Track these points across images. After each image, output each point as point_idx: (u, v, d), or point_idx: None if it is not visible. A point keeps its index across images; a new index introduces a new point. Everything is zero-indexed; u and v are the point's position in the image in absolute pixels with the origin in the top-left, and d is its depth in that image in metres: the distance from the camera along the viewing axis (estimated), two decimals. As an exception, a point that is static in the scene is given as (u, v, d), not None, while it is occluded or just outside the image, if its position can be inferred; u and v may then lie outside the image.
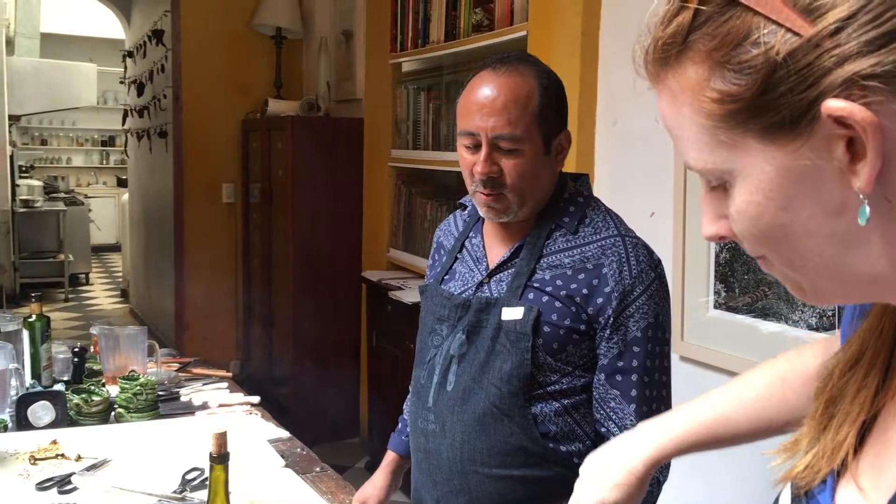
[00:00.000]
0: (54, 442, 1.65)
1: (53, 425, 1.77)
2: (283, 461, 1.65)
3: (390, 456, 1.63)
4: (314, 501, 1.48)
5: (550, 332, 1.28)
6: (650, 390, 1.28)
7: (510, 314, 1.30)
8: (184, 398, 2.04)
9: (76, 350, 2.10)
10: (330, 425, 4.07)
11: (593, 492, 0.90)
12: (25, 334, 2.00)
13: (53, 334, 2.09)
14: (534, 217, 1.37)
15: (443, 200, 3.46)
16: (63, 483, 1.49)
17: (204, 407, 1.99)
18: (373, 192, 4.03)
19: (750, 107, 0.50)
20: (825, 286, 0.55)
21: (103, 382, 2.03)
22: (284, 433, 1.83)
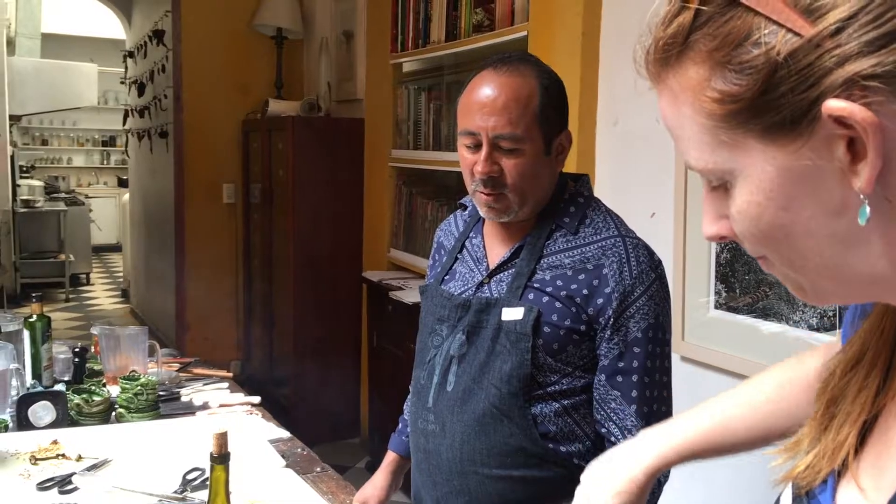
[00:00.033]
0: (55, 442, 1.65)
1: (54, 425, 1.77)
2: (284, 461, 1.65)
3: (391, 456, 1.63)
4: (315, 501, 1.48)
5: (550, 333, 1.28)
6: (651, 391, 1.28)
7: (510, 314, 1.30)
8: (184, 398, 2.04)
9: (77, 350, 2.10)
10: (330, 425, 4.07)
11: (594, 499, 0.90)
12: (26, 334, 2.00)
13: (54, 334, 2.10)
14: (534, 217, 1.37)
15: (443, 201, 3.46)
16: (64, 483, 1.49)
17: (204, 407, 1.99)
18: (373, 193, 4.03)
19: (751, 107, 0.50)
20: (825, 286, 0.56)
21: (104, 382, 2.03)
22: (285, 433, 1.83)
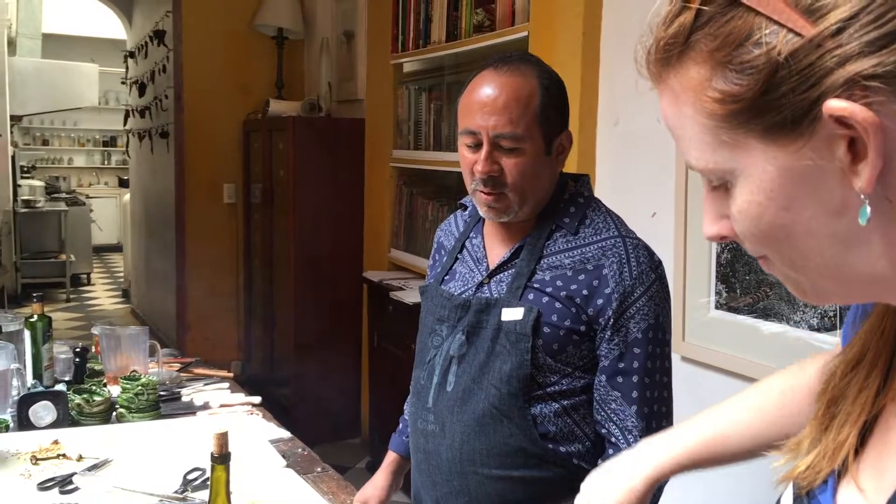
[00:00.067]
0: (56, 442, 1.65)
1: (55, 425, 1.77)
2: (285, 461, 1.65)
3: (391, 456, 1.63)
4: (315, 502, 1.48)
5: (550, 333, 1.28)
6: (651, 391, 1.28)
7: (510, 315, 1.30)
8: (185, 398, 2.04)
9: (77, 350, 2.10)
10: (331, 425, 4.07)
11: None
12: (27, 334, 2.00)
13: (55, 334, 2.10)
14: (534, 218, 1.37)
15: (444, 201, 3.46)
16: (64, 483, 1.49)
17: (205, 407, 1.99)
18: (374, 193, 4.03)
19: (752, 107, 0.50)
20: (826, 286, 0.56)
21: (105, 382, 2.03)
22: (285, 433, 1.83)
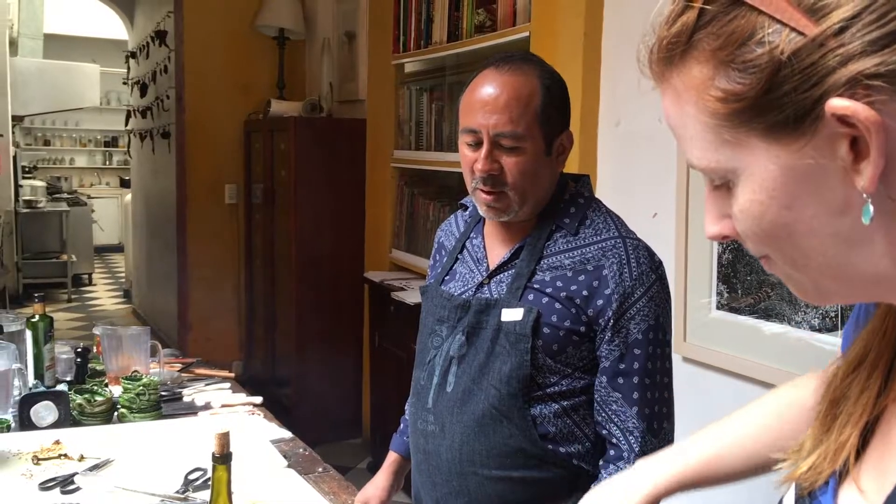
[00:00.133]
0: (57, 442, 1.65)
1: (56, 425, 1.77)
2: (286, 461, 1.65)
3: (392, 456, 1.63)
4: (316, 502, 1.48)
5: (550, 334, 1.28)
6: (652, 392, 1.28)
7: (510, 315, 1.30)
8: (186, 398, 2.05)
9: (79, 350, 2.10)
10: (332, 426, 4.07)
11: None
12: (28, 334, 2.00)
13: (56, 334, 2.10)
14: (534, 218, 1.37)
15: (445, 201, 3.46)
16: (66, 483, 1.49)
17: (206, 407, 1.99)
18: (375, 193, 4.03)
19: (754, 106, 0.50)
20: (828, 286, 0.55)
21: (106, 383, 2.03)
22: (287, 433, 1.83)
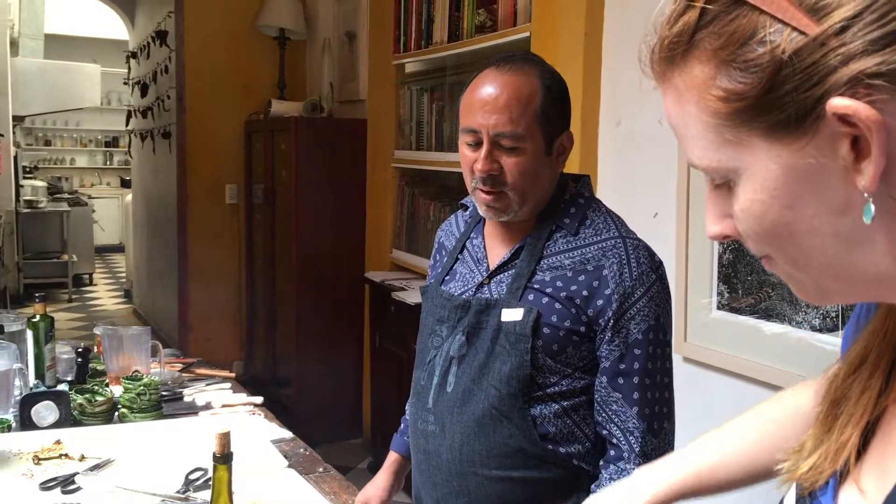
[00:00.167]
0: (58, 442, 1.65)
1: (57, 425, 1.77)
2: (287, 461, 1.65)
3: (392, 457, 1.63)
4: (317, 502, 1.48)
5: (550, 334, 1.28)
6: (652, 392, 1.28)
7: (510, 315, 1.30)
8: (187, 398, 2.05)
9: (80, 350, 2.10)
10: (333, 426, 4.08)
11: None
12: (29, 334, 2.00)
13: (57, 334, 2.10)
14: (534, 218, 1.37)
15: (446, 201, 3.46)
16: (66, 483, 1.49)
17: (207, 407, 1.99)
18: (376, 193, 4.03)
19: (755, 105, 0.50)
20: (829, 285, 0.55)
21: (107, 383, 2.03)
22: (287, 433, 1.83)
